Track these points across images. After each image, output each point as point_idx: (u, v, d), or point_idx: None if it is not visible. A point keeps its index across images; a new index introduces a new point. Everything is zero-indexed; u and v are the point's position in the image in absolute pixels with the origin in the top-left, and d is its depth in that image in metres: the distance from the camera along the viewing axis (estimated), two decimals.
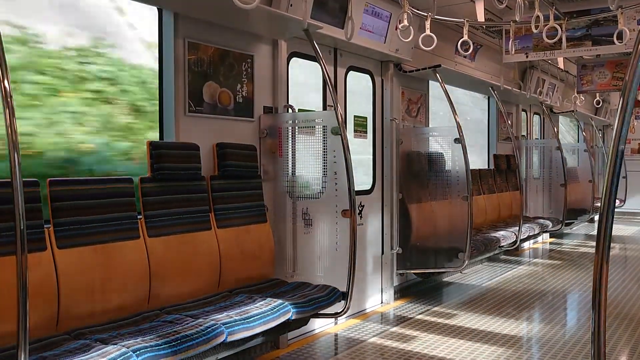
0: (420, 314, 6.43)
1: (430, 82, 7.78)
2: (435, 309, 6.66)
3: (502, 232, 8.28)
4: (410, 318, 6.24)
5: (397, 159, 6.98)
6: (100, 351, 3.00)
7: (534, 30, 5.93)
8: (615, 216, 2.17)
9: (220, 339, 3.49)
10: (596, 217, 13.11)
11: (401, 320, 6.18)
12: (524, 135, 11.32)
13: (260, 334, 3.86)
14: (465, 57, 8.48)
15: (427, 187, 7.20)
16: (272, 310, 3.92)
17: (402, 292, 7.21)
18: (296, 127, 5.09)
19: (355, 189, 4.80)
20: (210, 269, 4.42)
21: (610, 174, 2.12)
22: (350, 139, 5.16)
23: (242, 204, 4.77)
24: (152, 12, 4.51)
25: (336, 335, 5.67)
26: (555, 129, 11.46)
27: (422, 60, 7.12)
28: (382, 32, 6.41)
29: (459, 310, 6.54)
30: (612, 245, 2.22)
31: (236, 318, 3.68)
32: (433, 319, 6.18)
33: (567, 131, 15.46)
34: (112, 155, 4.51)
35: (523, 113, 11.28)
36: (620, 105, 2.14)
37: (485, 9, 6.96)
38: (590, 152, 12.20)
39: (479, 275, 8.57)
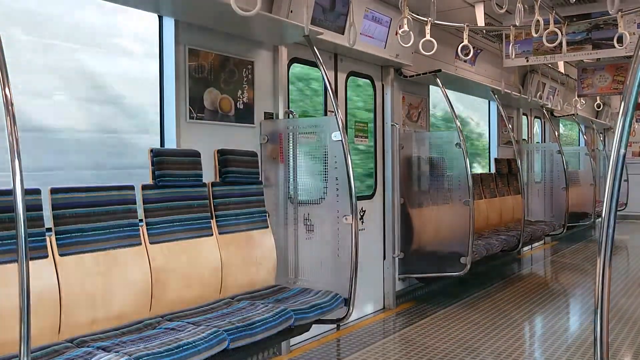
0: (422, 319, 6.41)
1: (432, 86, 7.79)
2: (437, 314, 6.64)
3: (503, 237, 8.27)
4: (413, 323, 6.23)
5: (398, 164, 6.98)
6: (102, 359, 2.99)
7: (534, 35, 5.93)
8: (616, 219, 2.17)
9: (223, 346, 3.48)
10: (598, 221, 13.11)
11: (403, 325, 6.17)
12: (525, 139, 11.32)
13: (263, 341, 3.85)
14: (465, 61, 8.49)
15: (428, 191, 7.19)
16: (274, 316, 3.91)
17: (404, 297, 7.19)
18: (297, 133, 5.10)
19: (357, 194, 4.79)
20: (211, 275, 4.41)
21: (612, 177, 2.11)
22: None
23: (243, 210, 4.77)
24: None
25: (339, 341, 5.66)
26: (556, 133, 11.46)
27: (423, 65, 7.13)
28: (383, 37, 6.42)
29: (461, 316, 6.53)
30: (613, 248, 2.22)
31: (238, 325, 3.67)
32: (435, 325, 6.16)
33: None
34: None
35: (524, 117, 11.29)
36: (621, 109, 2.14)
37: (485, 13, 6.97)
38: (591, 155, 12.20)
39: (481, 279, 8.55)
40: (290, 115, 5.31)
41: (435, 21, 5.74)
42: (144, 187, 4.09)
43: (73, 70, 4.37)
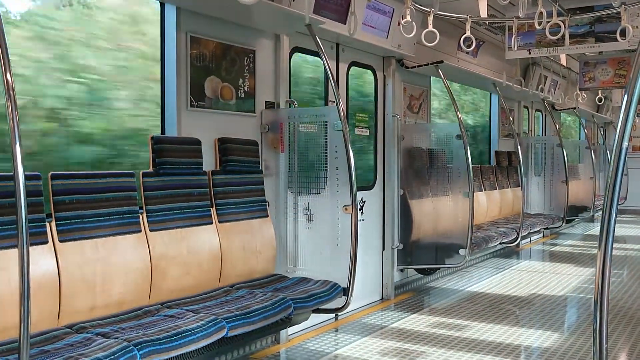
0: (420, 310, 6.43)
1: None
2: (436, 305, 6.66)
3: (502, 229, 8.29)
4: (411, 314, 6.24)
5: (399, 155, 6.97)
6: (101, 345, 3.00)
7: (537, 27, 5.91)
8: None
9: (221, 334, 3.49)
10: (597, 215, 13.12)
11: (402, 316, 6.19)
12: (525, 132, 11.30)
13: (261, 329, 3.86)
14: (467, 53, 8.47)
15: (428, 183, 7.20)
16: (273, 305, 3.92)
17: (402, 288, 7.21)
18: (298, 123, 5.09)
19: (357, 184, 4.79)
20: (211, 263, 4.42)
21: (614, 171, 2.11)
22: None
23: (243, 198, 4.77)
24: None
25: (337, 330, 5.68)
26: (557, 126, 11.44)
27: (425, 56, 7.11)
28: (385, 28, 6.39)
29: (460, 307, 6.55)
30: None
31: (237, 313, 3.68)
32: (433, 316, 6.18)
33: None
34: None
35: (525, 110, 11.27)
36: (624, 103, 2.13)
37: (488, 5, 6.94)
38: (591, 149, 12.20)
39: (480, 271, 8.57)
40: (292, 105, 5.30)
41: (438, 12, 5.72)
42: (144, 175, 4.09)
43: None
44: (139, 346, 3.03)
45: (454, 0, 6.75)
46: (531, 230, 9.24)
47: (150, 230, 4.01)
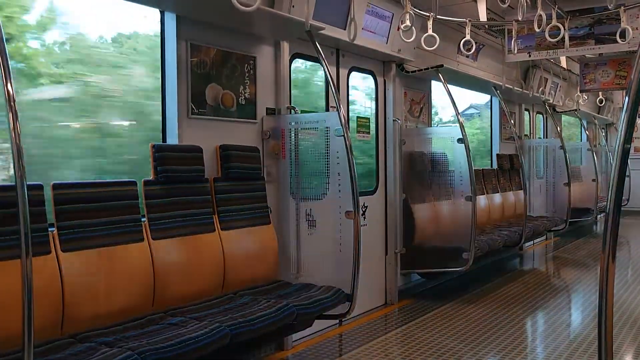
0: (424, 314, 6.41)
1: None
2: (439, 309, 6.64)
3: (505, 232, 8.26)
4: (415, 319, 6.23)
5: (400, 160, 6.97)
6: (105, 354, 2.99)
7: (537, 29, 5.92)
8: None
9: (225, 341, 3.48)
10: (600, 217, 13.10)
11: (405, 320, 6.18)
12: (527, 135, 11.30)
13: (265, 336, 3.85)
14: (467, 56, 8.47)
15: (430, 187, 7.19)
16: (276, 311, 3.91)
17: (406, 292, 7.20)
18: (299, 129, 5.09)
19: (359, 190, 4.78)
20: (214, 271, 4.41)
21: (617, 173, 2.11)
22: None
23: (245, 205, 4.77)
24: None
25: (341, 336, 5.66)
26: (559, 128, 11.44)
27: (425, 61, 7.11)
28: (384, 33, 6.40)
29: (463, 311, 6.53)
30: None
31: (241, 320, 3.67)
32: (437, 320, 6.17)
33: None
34: None
35: (526, 112, 11.27)
36: (625, 105, 2.13)
37: (487, 8, 6.95)
38: (593, 151, 12.19)
39: (483, 275, 8.55)
40: (292, 111, 5.30)
41: (437, 16, 5.73)
42: (146, 183, 4.09)
43: None
44: (143, 355, 3.03)
45: (453, 4, 6.76)
46: (534, 233, 9.22)
47: (153, 239, 4.01)
